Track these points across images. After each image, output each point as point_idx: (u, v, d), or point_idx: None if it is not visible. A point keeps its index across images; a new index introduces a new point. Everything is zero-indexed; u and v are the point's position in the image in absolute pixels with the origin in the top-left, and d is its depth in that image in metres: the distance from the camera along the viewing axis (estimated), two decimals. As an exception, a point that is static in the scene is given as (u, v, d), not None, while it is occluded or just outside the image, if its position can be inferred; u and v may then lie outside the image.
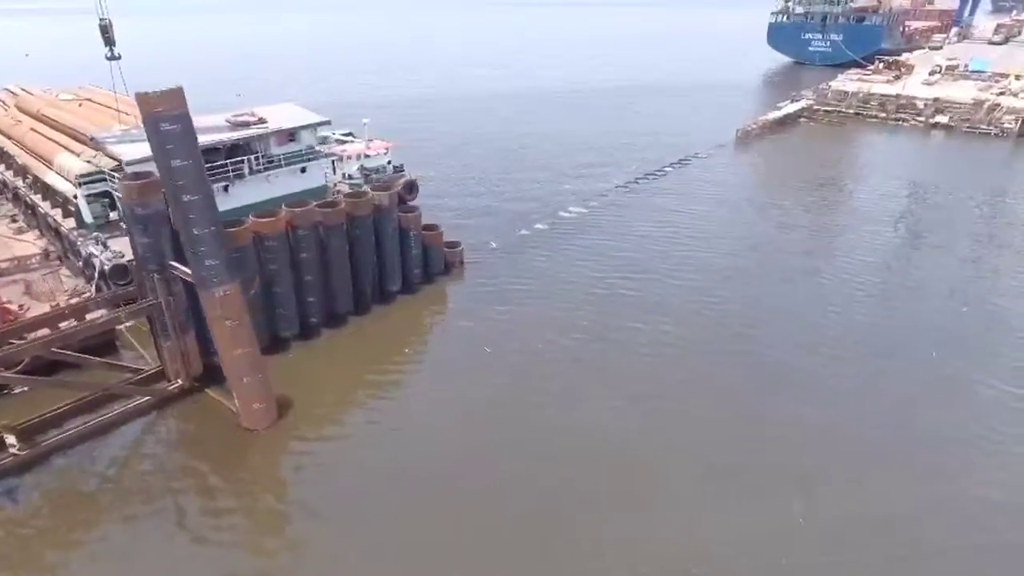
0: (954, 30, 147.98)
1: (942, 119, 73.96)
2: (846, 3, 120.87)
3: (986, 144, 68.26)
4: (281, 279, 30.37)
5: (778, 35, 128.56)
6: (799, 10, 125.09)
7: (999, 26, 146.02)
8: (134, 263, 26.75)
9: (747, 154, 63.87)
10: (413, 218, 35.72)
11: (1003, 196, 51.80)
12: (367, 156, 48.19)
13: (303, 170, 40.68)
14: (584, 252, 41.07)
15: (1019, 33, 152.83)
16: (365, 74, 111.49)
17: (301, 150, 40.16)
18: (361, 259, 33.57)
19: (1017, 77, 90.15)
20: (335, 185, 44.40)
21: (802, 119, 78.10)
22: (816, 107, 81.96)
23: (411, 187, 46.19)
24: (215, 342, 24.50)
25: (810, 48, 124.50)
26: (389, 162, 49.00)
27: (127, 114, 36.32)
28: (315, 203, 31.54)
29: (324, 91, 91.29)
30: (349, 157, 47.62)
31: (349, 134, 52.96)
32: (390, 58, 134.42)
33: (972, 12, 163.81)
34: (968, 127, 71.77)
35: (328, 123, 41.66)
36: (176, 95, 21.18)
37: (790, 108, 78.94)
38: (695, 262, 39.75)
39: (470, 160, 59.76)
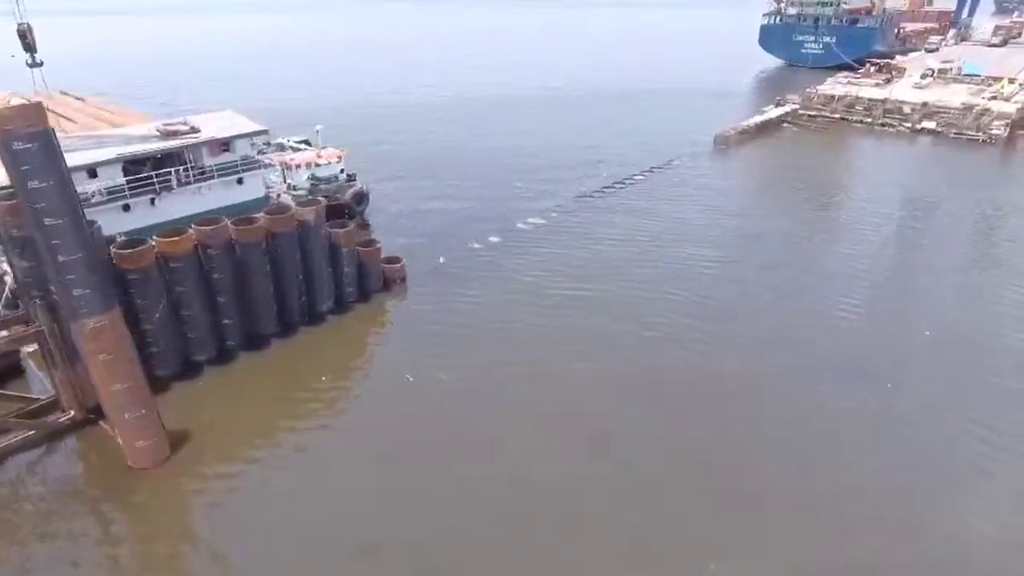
0: (951, 32, 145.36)
1: (929, 124, 71.72)
2: (839, 5, 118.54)
3: (974, 151, 66.04)
4: (191, 301, 28.47)
5: (770, 37, 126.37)
6: (791, 11, 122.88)
7: (997, 28, 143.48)
8: (15, 288, 24.86)
9: (724, 161, 61.77)
10: (346, 234, 33.76)
11: (990, 208, 49.56)
12: (318, 165, 46.23)
13: (240, 181, 38.88)
14: (534, 267, 39.10)
15: (1019, 35, 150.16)
16: (328, 78, 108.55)
17: (236, 160, 38.30)
18: (285, 278, 31.67)
19: (1010, 81, 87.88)
20: (279, 196, 42.52)
21: (785, 124, 75.95)
22: (801, 111, 79.80)
23: (360, 197, 44.30)
24: (92, 376, 22.60)
25: (802, 50, 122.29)
26: (342, 171, 47.06)
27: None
28: (230, 219, 29.62)
29: (281, 96, 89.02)
30: (298, 166, 45.70)
31: (305, 141, 51.14)
32: (356, 61, 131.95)
33: (971, 13, 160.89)
34: (955, 133, 69.53)
35: (265, 132, 39.82)
36: (32, 110, 19.32)
37: (773, 113, 76.77)
38: (654, 279, 37.72)
39: (432, 168, 57.81)
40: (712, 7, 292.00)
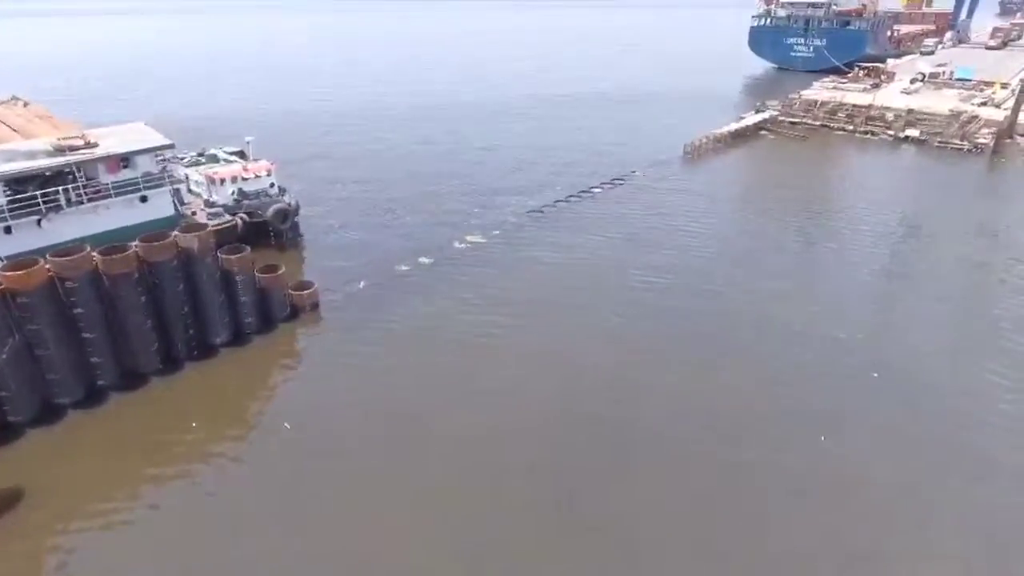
0: (949, 34, 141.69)
1: (913, 132, 68.40)
2: (829, 6, 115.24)
3: (958, 161, 62.69)
4: (47, 340, 25.59)
5: (760, 39, 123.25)
6: (781, 13, 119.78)
7: (996, 30, 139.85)
8: None
9: (691, 172, 58.57)
10: (240, 260, 30.87)
11: (970, 228, 46.21)
12: (244, 179, 43.35)
13: (143, 199, 36.03)
14: (459, 293, 36.10)
15: (1019, 37, 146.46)
16: (282, 83, 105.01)
17: (137, 177, 35.46)
18: (167, 310, 28.81)
19: (1003, 86, 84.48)
20: (194, 213, 39.68)
21: (763, 131, 72.66)
22: (781, 117, 76.55)
23: (284, 215, 41.36)
24: None
25: (792, 53, 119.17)
26: (272, 185, 44.18)
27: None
28: (96, 248, 26.74)
29: (229, 101, 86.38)
30: (223, 181, 42.82)
31: (239, 153, 48.23)
32: (311, 64, 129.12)
33: (970, 14, 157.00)
34: (940, 142, 66.19)
35: (170, 146, 37.00)
36: None
37: (751, 119, 73.57)
38: (599, 306, 34.69)
39: (378, 180, 54.89)
40: (709, 7, 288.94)
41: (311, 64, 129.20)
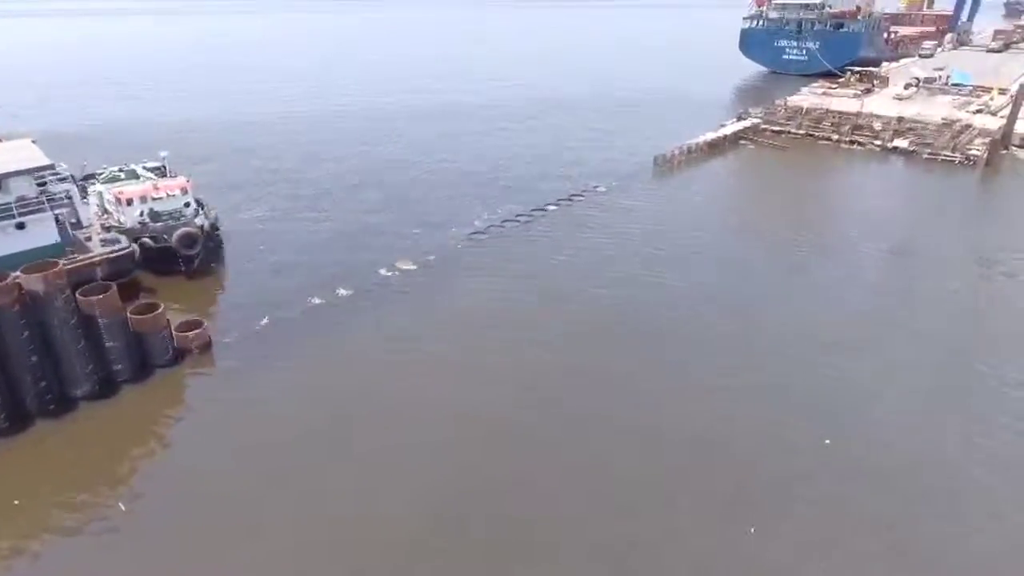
0: (949, 36, 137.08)
1: (902, 143, 64.19)
2: (823, 8, 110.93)
3: (949, 174, 58.49)
4: None
5: (751, 42, 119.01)
6: (773, 15, 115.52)
7: (997, 32, 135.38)
8: None
9: (659, 188, 54.52)
10: (103, 301, 27.06)
11: (957, 254, 42.08)
12: (155, 198, 39.57)
13: (20, 226, 32.16)
14: (371, 334, 32.25)
15: (1021, 40, 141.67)
16: (214, 88, 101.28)
17: (10, 203, 31.63)
18: (11, 360, 25.01)
19: (1001, 91, 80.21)
20: (88, 239, 35.84)
21: (743, 141, 68.50)
22: (764, 126, 72.38)
23: (191, 240, 37.48)
24: None
25: (784, 56, 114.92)
26: (187, 204, 40.40)
27: None
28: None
29: (157, 110, 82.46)
30: (130, 201, 39.05)
31: (159, 169, 44.31)
32: (259, 67, 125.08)
33: (971, 16, 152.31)
34: (930, 153, 61.90)
35: (50, 167, 33.15)
36: None
37: (730, 128, 69.43)
38: (536, 350, 30.84)
39: (316, 196, 51.21)
40: (706, 8, 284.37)
41: (266, 66, 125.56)
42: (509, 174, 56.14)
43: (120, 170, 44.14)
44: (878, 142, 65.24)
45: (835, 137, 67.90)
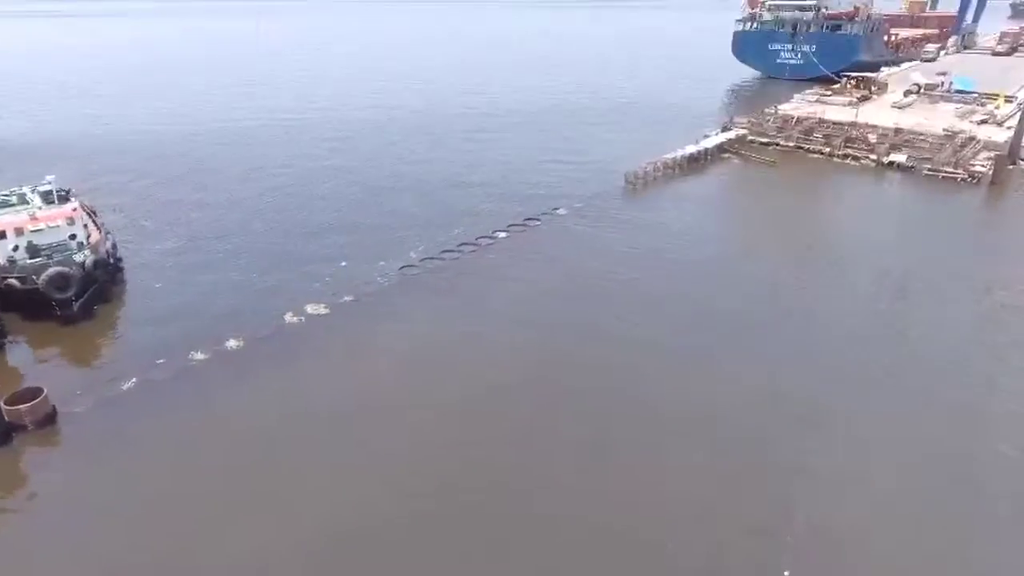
0: (952, 39, 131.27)
1: (899, 158, 58.59)
2: (819, 10, 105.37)
3: (951, 193, 52.96)
4: None
5: (744, 45, 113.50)
6: (767, 17, 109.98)
7: (1003, 35, 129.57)
8: None
9: (630, 209, 49.03)
10: None
11: (958, 288, 36.55)
12: (34, 231, 34.37)
13: None
14: (256, 399, 26.89)
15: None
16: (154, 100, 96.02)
17: None
18: None
19: (1007, 99, 74.62)
20: (-63, 281, 30.62)
21: (727, 154, 62.96)
22: (751, 138, 66.85)
23: (64, 282, 32.16)
24: None
25: (778, 60, 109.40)
26: (73, 236, 35.18)
27: None
28: None
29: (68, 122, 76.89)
30: (2, 234, 33.89)
31: (61, 193, 38.87)
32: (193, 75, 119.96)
33: (976, 18, 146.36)
34: (930, 169, 56.29)
35: None
36: None
37: (713, 140, 63.94)
38: (458, 417, 25.54)
39: (237, 221, 45.93)
40: (706, 10, 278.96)
41: (225, 71, 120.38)
42: (463, 193, 50.72)
43: (8, 194, 38.99)
44: (873, 156, 59.65)
45: (827, 150, 62.33)
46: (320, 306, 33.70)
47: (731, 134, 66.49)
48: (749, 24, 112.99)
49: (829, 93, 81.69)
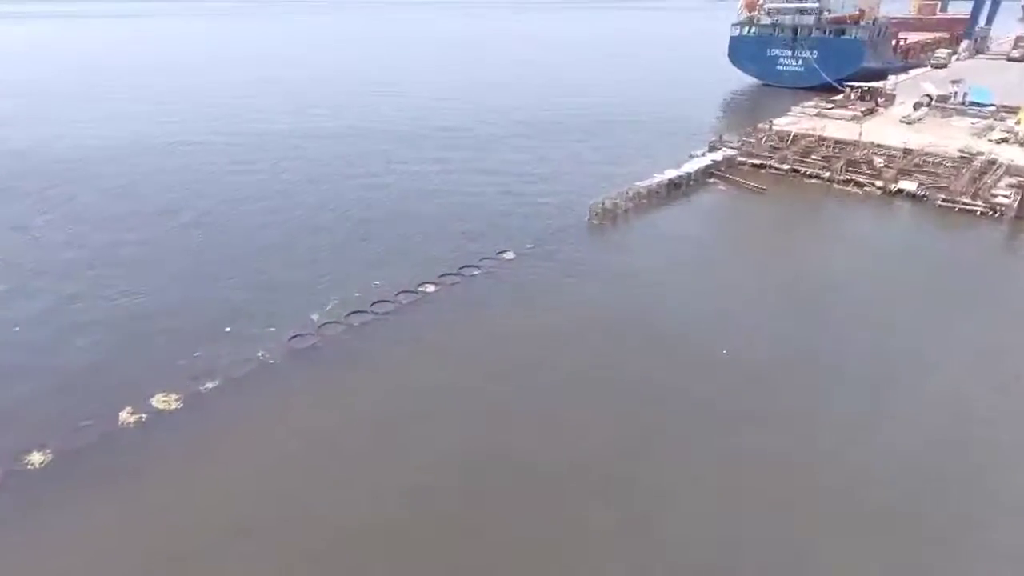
0: (964, 43, 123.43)
1: (908, 186, 51.07)
2: (821, 13, 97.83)
3: (969, 229, 45.53)
4: None
5: (741, 51, 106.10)
6: (765, 21, 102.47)
7: (1019, 39, 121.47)
8: None
9: (592, 252, 41.71)
10: None
11: (973, 368, 29.11)
12: None
13: None
14: (45, 535, 19.70)
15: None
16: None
17: None
18: None
19: (1030, 114, 66.72)
20: None
21: (712, 180, 55.55)
22: (741, 159, 59.43)
23: None
24: None
25: (778, 67, 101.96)
26: None
27: None
28: None
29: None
30: None
31: None
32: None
33: (990, 20, 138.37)
34: (944, 200, 48.75)
35: None
36: None
37: (698, 162, 56.54)
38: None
39: (127, 264, 38.66)
40: (708, 11, 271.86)
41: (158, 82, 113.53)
42: (401, 230, 43.39)
43: None
44: (879, 183, 52.11)
45: (826, 174, 54.82)
46: (172, 398, 26.47)
47: (719, 155, 59.04)
48: (746, 28, 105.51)
49: (831, 106, 74.14)
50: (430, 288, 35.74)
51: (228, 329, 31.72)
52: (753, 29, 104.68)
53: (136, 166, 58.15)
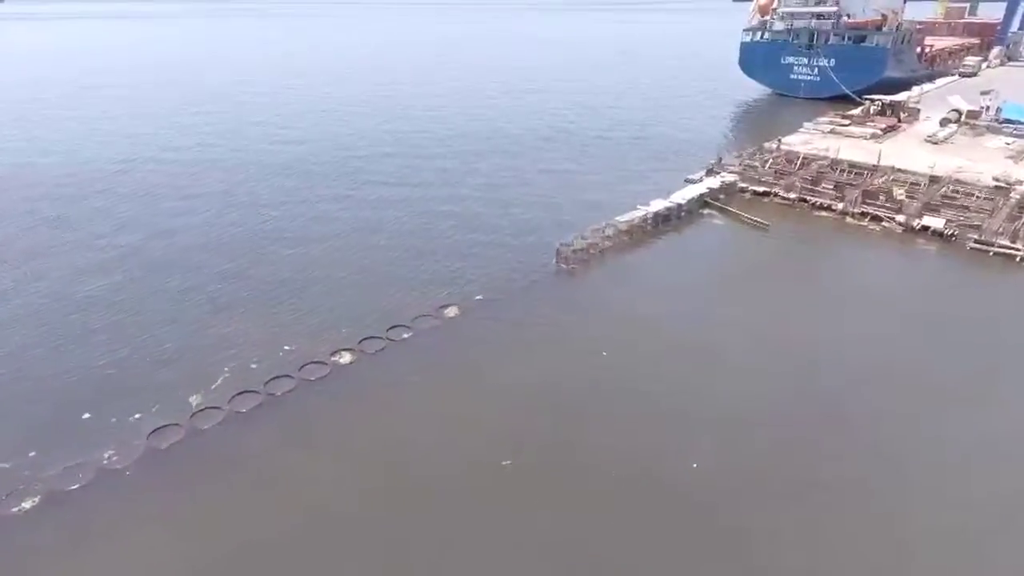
0: (996, 50, 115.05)
1: (935, 222, 43.91)
2: (840, 17, 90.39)
3: (1006, 278, 38.32)
4: None
5: (752, 58, 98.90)
6: (778, 26, 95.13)
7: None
8: None
9: (557, 308, 34.99)
10: None
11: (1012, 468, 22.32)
12: None
13: None
14: None
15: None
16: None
17: None
18: None
19: (1074, 135, 59.25)
20: None
21: (707, 211, 48.75)
22: (742, 185, 52.55)
23: None
24: None
25: (792, 76, 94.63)
26: None
27: None
28: None
29: None
30: None
31: None
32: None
33: (1023, 24, 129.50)
34: (977, 242, 41.58)
35: None
36: None
37: (690, 191, 49.70)
38: None
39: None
40: (722, 12, 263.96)
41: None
42: (319, 283, 36.81)
43: None
44: (900, 218, 45.02)
45: (839, 206, 47.78)
46: (30, 503, 20.38)
47: (716, 180, 52.21)
48: (758, 34, 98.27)
49: (847, 122, 66.90)
50: (344, 358, 29.44)
51: (87, 416, 25.56)
52: (766, 35, 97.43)
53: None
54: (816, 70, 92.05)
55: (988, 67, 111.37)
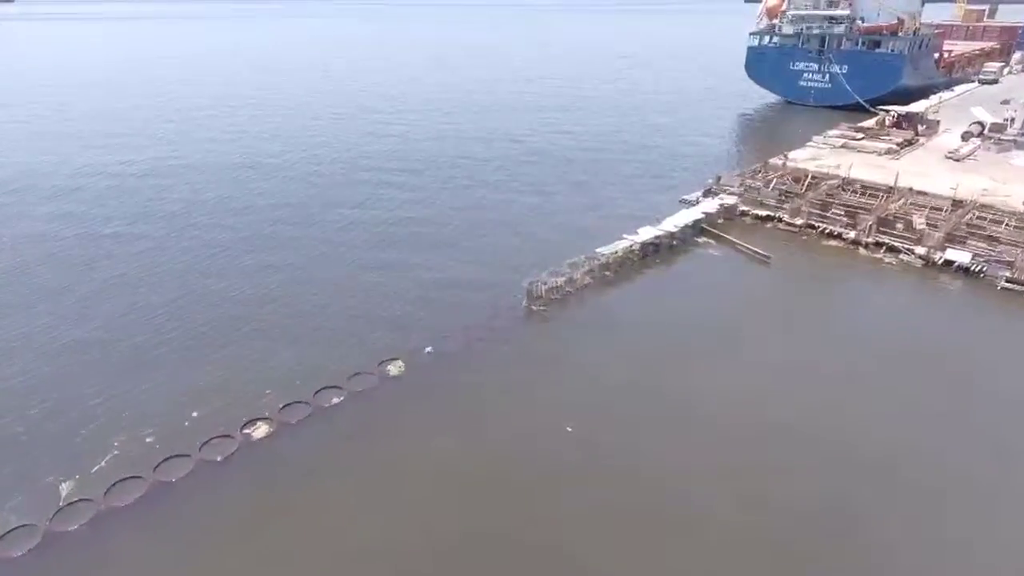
0: (1018, 55, 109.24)
1: (959, 257, 38.67)
2: (853, 21, 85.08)
3: (1044, 324, 33.05)
4: None
5: (759, 63, 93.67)
6: (787, 30, 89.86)
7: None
8: None
9: (516, 361, 30.20)
10: None
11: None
12: None
13: None
14: None
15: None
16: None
17: None
18: None
19: (1111, 152, 53.78)
20: None
21: (703, 239, 43.78)
22: (743, 208, 47.57)
23: None
24: None
25: (801, 83, 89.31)
26: None
27: None
28: None
29: None
30: None
31: None
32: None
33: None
34: (1009, 280, 36.40)
35: None
36: None
37: (684, 216, 44.69)
38: None
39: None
40: (733, 14, 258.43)
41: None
42: (249, 338, 31.96)
43: None
44: (920, 250, 39.85)
45: (851, 235, 42.68)
46: None
47: (715, 203, 47.24)
48: (766, 38, 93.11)
49: (860, 135, 61.73)
50: (259, 430, 24.77)
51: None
52: (774, 39, 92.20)
53: None
54: (827, 77, 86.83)
55: (1009, 72, 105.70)
